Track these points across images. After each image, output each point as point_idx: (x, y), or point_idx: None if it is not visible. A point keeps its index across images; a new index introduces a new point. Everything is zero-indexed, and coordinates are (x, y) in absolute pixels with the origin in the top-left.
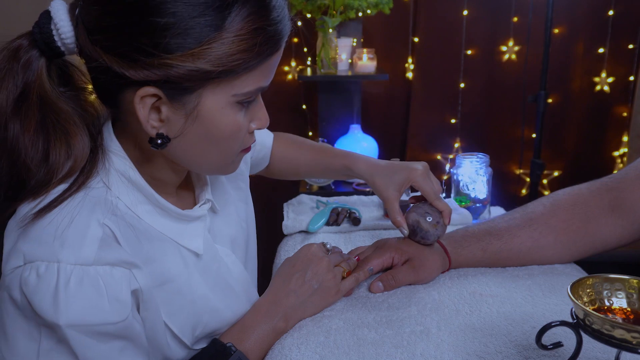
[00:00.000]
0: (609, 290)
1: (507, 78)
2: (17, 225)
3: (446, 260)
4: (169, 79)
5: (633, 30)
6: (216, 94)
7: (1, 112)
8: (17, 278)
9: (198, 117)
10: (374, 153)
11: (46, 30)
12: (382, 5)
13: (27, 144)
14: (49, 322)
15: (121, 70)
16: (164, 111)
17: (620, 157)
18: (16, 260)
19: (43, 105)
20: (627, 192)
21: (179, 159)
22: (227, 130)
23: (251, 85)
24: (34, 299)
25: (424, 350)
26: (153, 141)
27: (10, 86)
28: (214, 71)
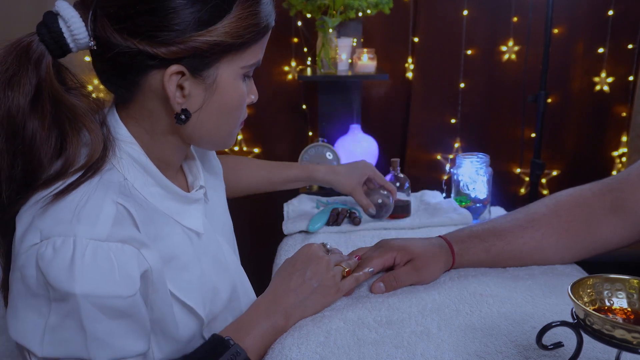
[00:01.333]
0: (609, 290)
1: (507, 78)
2: (33, 207)
3: (449, 260)
4: (195, 54)
5: (633, 30)
6: (230, 67)
7: (20, 111)
8: (34, 254)
9: (216, 90)
10: (374, 153)
11: (55, 28)
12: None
13: (43, 141)
14: (64, 292)
15: (153, 50)
16: (187, 87)
17: (619, 157)
18: (33, 237)
19: (55, 102)
20: (628, 193)
21: (191, 134)
22: (237, 100)
23: (254, 58)
24: (50, 271)
25: (424, 350)
26: (178, 117)
27: (26, 85)
28: (233, 43)
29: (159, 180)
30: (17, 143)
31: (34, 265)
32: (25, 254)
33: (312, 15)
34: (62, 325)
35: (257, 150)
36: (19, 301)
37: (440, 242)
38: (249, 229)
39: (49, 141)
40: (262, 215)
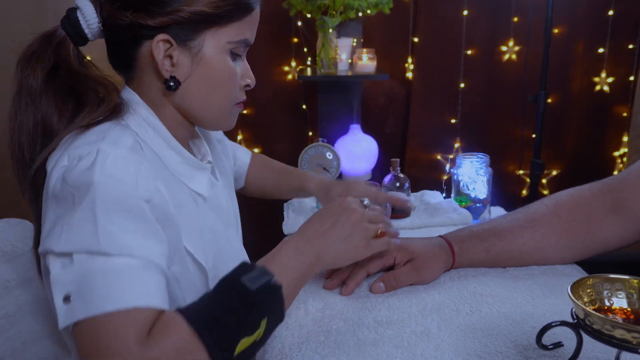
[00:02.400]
0: (609, 290)
1: (507, 78)
2: (62, 146)
3: (449, 260)
4: (179, 22)
5: (633, 30)
6: (214, 39)
7: (37, 82)
8: (62, 171)
9: (202, 60)
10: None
11: (73, 18)
12: (382, 5)
13: (58, 108)
14: (83, 183)
15: (144, 21)
16: (174, 56)
17: (620, 157)
18: (62, 162)
19: (72, 75)
20: (628, 193)
21: (184, 106)
22: (225, 74)
23: (239, 35)
24: (72, 173)
25: (424, 350)
26: (167, 83)
27: (45, 62)
28: (212, 13)
29: (169, 142)
30: (34, 111)
31: (61, 178)
32: (55, 175)
33: (312, 15)
34: (79, 219)
35: (257, 150)
36: (48, 215)
37: (441, 242)
38: (249, 228)
39: (66, 108)
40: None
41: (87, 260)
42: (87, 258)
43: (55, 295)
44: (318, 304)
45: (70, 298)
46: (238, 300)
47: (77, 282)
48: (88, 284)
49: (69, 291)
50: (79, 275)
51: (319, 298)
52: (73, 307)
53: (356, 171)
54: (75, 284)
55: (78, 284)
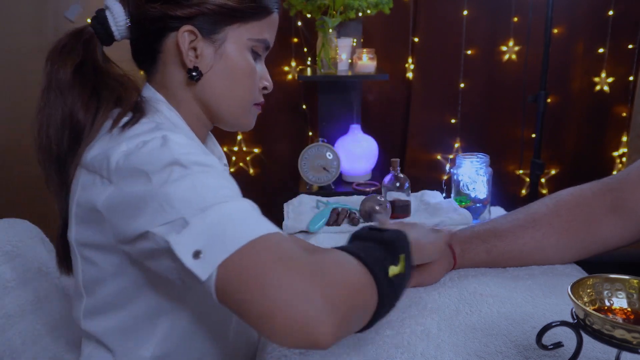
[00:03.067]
0: (609, 290)
1: (507, 78)
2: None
3: (451, 262)
4: (204, 13)
5: (633, 30)
6: (236, 35)
7: (66, 76)
8: (121, 155)
9: (224, 54)
10: (374, 153)
11: (102, 17)
12: (382, 5)
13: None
14: (164, 157)
15: (172, 11)
16: (198, 48)
17: (619, 157)
18: (118, 149)
19: (96, 73)
20: (628, 193)
21: (207, 99)
22: (245, 69)
23: (259, 34)
24: (142, 153)
25: (424, 350)
26: (190, 73)
27: (74, 55)
28: (235, 7)
29: (191, 138)
30: (62, 104)
31: (126, 161)
32: (115, 160)
33: (312, 15)
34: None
35: (257, 150)
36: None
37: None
38: None
39: (92, 103)
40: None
41: (203, 216)
42: (202, 215)
43: (183, 258)
44: None
45: (201, 252)
46: (373, 241)
47: (202, 236)
48: (216, 231)
49: (197, 247)
50: (202, 231)
51: None
52: (210, 256)
53: (356, 171)
54: (203, 238)
55: (205, 237)
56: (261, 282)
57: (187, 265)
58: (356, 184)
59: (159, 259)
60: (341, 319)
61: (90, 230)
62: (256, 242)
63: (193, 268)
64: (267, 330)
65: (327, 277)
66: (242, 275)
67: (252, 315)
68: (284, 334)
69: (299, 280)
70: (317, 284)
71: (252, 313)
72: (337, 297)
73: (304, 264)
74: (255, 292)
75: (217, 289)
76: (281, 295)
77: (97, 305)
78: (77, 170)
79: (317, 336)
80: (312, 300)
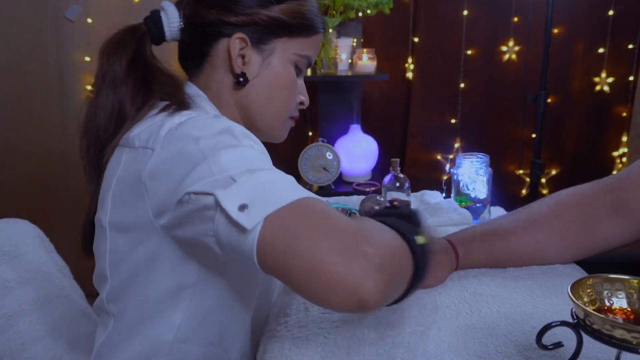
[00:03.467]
0: (609, 290)
1: (507, 78)
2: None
3: (453, 264)
4: (257, 23)
5: (633, 30)
6: (284, 48)
7: (120, 69)
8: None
9: (270, 64)
10: (374, 153)
11: (157, 17)
12: (382, 5)
13: (133, 95)
14: (214, 126)
15: (227, 18)
16: (247, 55)
17: (620, 157)
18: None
19: (148, 68)
20: (629, 192)
21: (248, 105)
22: (288, 81)
23: (305, 50)
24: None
25: (424, 350)
26: (237, 78)
27: (128, 49)
28: (285, 22)
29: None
30: (114, 94)
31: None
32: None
33: None
34: (228, 150)
35: None
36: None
37: (446, 245)
38: None
39: (138, 96)
40: None
41: (250, 176)
42: (249, 175)
43: (229, 209)
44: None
45: (247, 205)
46: (394, 216)
47: (249, 193)
48: (262, 190)
49: (243, 201)
50: (249, 188)
51: None
52: (256, 209)
53: (356, 171)
54: (249, 195)
55: (252, 193)
56: (307, 237)
57: (233, 216)
58: (356, 184)
59: (197, 222)
60: (387, 279)
61: (127, 209)
62: (301, 202)
63: (239, 219)
64: (312, 290)
65: (370, 239)
66: (288, 230)
67: (295, 274)
68: (330, 293)
69: (345, 239)
70: (362, 244)
71: (296, 271)
72: (381, 257)
73: (349, 226)
74: (301, 247)
75: (259, 245)
76: (328, 251)
77: (120, 287)
78: (115, 151)
79: (365, 295)
80: (358, 258)
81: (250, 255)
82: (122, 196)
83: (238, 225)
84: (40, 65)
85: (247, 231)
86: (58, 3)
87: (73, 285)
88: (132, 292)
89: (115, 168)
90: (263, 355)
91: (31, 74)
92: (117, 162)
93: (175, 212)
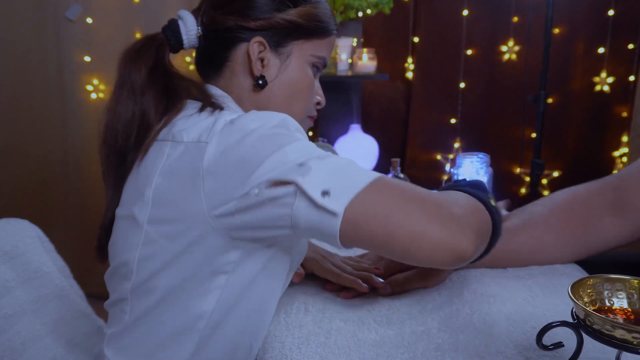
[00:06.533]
0: (609, 290)
1: (507, 78)
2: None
3: None
4: (275, 27)
5: (633, 30)
6: (301, 50)
7: (141, 77)
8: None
9: (288, 66)
10: (374, 153)
11: (175, 26)
12: (382, 5)
13: (155, 103)
14: (276, 117)
15: (246, 23)
16: (266, 58)
17: (620, 157)
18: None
19: (168, 76)
20: (630, 190)
21: (268, 106)
22: (306, 82)
23: (320, 51)
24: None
25: (424, 350)
26: (257, 80)
27: (147, 59)
28: (302, 24)
29: None
30: (133, 103)
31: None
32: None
33: None
34: (296, 142)
35: None
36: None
37: None
38: None
39: (162, 104)
40: None
41: (321, 162)
42: (319, 161)
43: (313, 195)
44: (318, 304)
45: (329, 190)
46: (463, 186)
47: (328, 177)
48: (339, 173)
49: (325, 187)
50: (327, 173)
51: (319, 298)
52: (340, 192)
53: None
54: (329, 179)
55: (331, 177)
56: (401, 212)
57: (319, 202)
58: None
59: (269, 209)
60: (477, 234)
61: (174, 202)
62: (380, 180)
63: (326, 204)
64: (417, 255)
65: (454, 204)
66: (377, 208)
67: (398, 244)
68: (436, 255)
69: (434, 207)
70: (450, 209)
71: (399, 241)
72: (469, 217)
73: (431, 195)
74: (399, 221)
75: (346, 225)
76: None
77: (146, 281)
78: (152, 147)
79: (464, 252)
80: (452, 222)
81: (334, 233)
82: (169, 189)
83: (325, 210)
84: (40, 65)
85: (336, 215)
86: (58, 3)
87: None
88: (160, 284)
89: (157, 162)
90: (263, 355)
91: (31, 74)
92: (158, 156)
93: (239, 203)
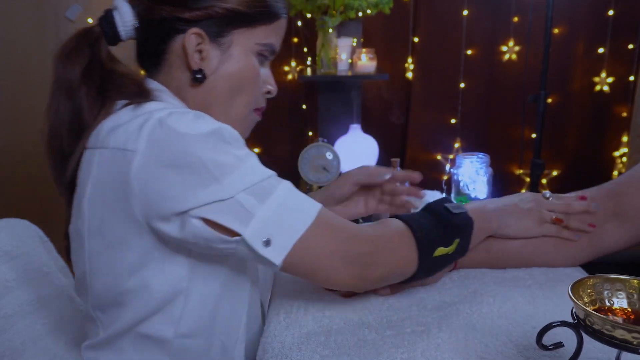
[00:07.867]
0: (609, 290)
1: (507, 78)
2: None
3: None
4: (211, 16)
5: (633, 30)
6: (243, 39)
7: (75, 78)
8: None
9: (230, 58)
10: (374, 153)
11: (110, 16)
12: (382, 5)
13: (90, 103)
14: (203, 130)
15: (180, 14)
16: (205, 50)
17: (620, 157)
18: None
19: (103, 73)
20: (630, 197)
21: (209, 102)
22: (249, 73)
23: (266, 38)
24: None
25: (424, 350)
26: (194, 74)
27: (81, 57)
28: (243, 12)
29: None
30: (72, 103)
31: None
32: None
33: (312, 15)
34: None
35: (257, 150)
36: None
37: None
38: None
39: (96, 102)
40: None
41: (263, 205)
42: (261, 203)
43: (255, 246)
44: (318, 304)
45: (271, 240)
46: (440, 218)
47: (270, 224)
48: (281, 216)
49: (267, 236)
50: (269, 218)
51: (319, 298)
52: (281, 241)
53: None
54: (271, 226)
55: (273, 223)
56: (328, 259)
57: (260, 252)
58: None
59: (214, 242)
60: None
61: (108, 212)
62: (315, 222)
63: (266, 255)
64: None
65: (374, 254)
66: (316, 250)
67: (317, 279)
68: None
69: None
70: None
71: (318, 278)
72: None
73: (361, 239)
74: (325, 263)
75: (285, 264)
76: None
77: (104, 294)
78: (84, 154)
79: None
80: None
81: (274, 269)
82: (102, 199)
83: (266, 260)
84: (40, 65)
85: (276, 265)
86: (58, 3)
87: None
88: (120, 299)
89: (87, 172)
90: (263, 355)
91: (31, 74)
92: (88, 165)
93: (178, 224)
